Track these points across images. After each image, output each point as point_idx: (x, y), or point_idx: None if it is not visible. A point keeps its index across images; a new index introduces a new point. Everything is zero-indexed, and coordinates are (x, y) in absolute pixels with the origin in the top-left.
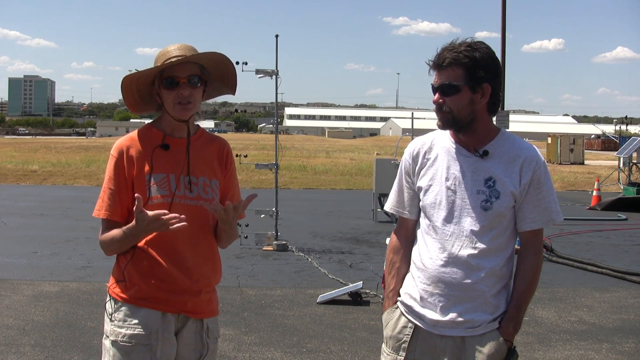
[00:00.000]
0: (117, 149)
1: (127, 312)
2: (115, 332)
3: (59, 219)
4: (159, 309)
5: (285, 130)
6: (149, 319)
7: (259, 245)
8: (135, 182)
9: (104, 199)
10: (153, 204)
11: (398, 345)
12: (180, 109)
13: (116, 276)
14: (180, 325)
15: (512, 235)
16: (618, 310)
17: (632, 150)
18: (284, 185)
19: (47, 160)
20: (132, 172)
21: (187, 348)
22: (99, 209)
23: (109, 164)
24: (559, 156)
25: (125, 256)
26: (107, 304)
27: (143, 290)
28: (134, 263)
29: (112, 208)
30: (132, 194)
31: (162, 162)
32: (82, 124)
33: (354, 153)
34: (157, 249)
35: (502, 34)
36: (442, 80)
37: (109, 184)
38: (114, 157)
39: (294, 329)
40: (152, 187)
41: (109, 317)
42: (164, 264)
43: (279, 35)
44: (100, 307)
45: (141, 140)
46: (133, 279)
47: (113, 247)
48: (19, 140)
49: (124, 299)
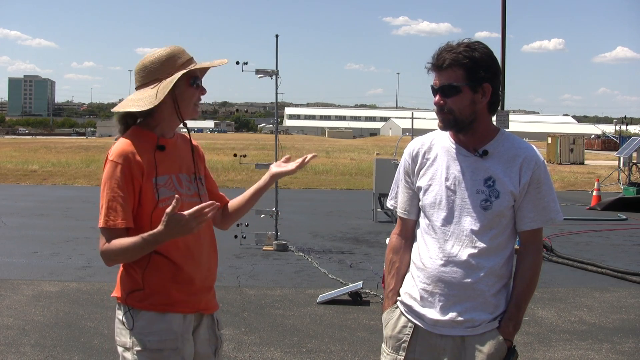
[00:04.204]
0: (120, 155)
1: (151, 320)
2: (141, 342)
3: (59, 219)
4: (181, 311)
5: (285, 130)
6: (173, 323)
7: (259, 245)
8: (144, 186)
9: (116, 207)
10: (164, 206)
11: (398, 345)
12: (195, 109)
13: (130, 286)
14: (196, 323)
15: (512, 234)
16: (618, 310)
17: (632, 150)
18: (284, 185)
19: (47, 160)
20: (140, 177)
21: (204, 344)
22: (114, 218)
23: (112, 171)
24: (558, 156)
25: (138, 264)
26: (123, 315)
27: (165, 295)
28: (152, 269)
29: (127, 215)
30: (138, 199)
31: (163, 163)
32: (82, 124)
33: (354, 153)
34: (174, 251)
35: (502, 34)
36: (442, 81)
37: (118, 191)
38: (119, 163)
39: (294, 329)
40: (161, 190)
41: (129, 328)
42: (183, 265)
43: (279, 35)
44: (101, 307)
45: (140, 144)
46: (153, 286)
47: (125, 256)
48: (19, 140)
49: (146, 307)
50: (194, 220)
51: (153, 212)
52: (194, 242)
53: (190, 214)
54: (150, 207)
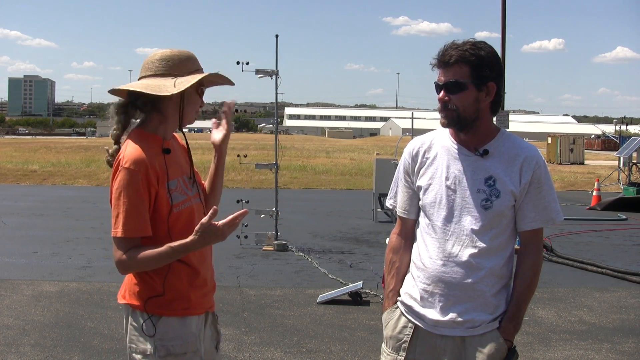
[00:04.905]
0: (135, 162)
1: (173, 325)
2: (165, 347)
3: (59, 219)
4: (197, 313)
5: (285, 130)
6: (192, 325)
7: (259, 245)
8: (159, 192)
9: (135, 216)
10: (180, 210)
11: (398, 345)
12: (195, 116)
13: (148, 293)
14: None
15: (512, 234)
16: (618, 310)
17: (632, 150)
18: (284, 185)
19: (47, 160)
20: (156, 183)
21: (208, 341)
22: (135, 227)
23: (128, 179)
24: (559, 156)
25: (158, 271)
26: (143, 323)
27: (184, 299)
28: (174, 275)
29: (146, 224)
30: (154, 205)
31: (171, 167)
32: (82, 124)
33: (354, 153)
34: (192, 257)
35: (502, 34)
36: (448, 77)
37: (136, 199)
38: (135, 170)
39: (294, 329)
40: (174, 194)
41: (150, 335)
42: (200, 269)
43: (279, 35)
44: (101, 307)
45: (149, 149)
46: (175, 291)
47: (147, 266)
48: (19, 140)
49: (168, 313)
50: (228, 229)
51: (169, 218)
52: None
53: (225, 224)
54: (165, 212)
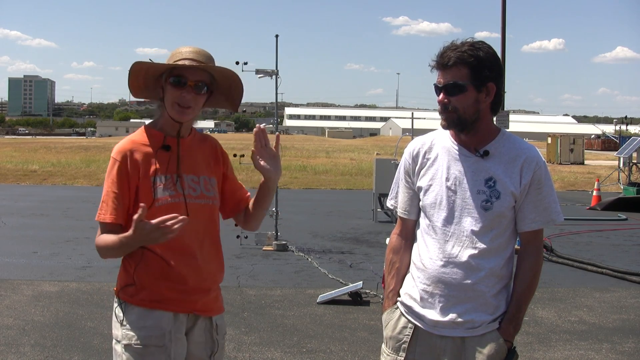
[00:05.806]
0: (119, 153)
1: (139, 315)
2: (128, 336)
3: (59, 219)
4: (171, 309)
5: (285, 130)
6: (162, 320)
7: (259, 245)
8: (140, 185)
9: (108, 202)
10: (160, 205)
11: (398, 345)
12: (178, 111)
13: (124, 280)
14: (190, 324)
15: (512, 235)
16: (618, 310)
17: (632, 150)
18: (284, 185)
19: (47, 160)
20: (137, 175)
21: (198, 347)
22: (104, 212)
23: (111, 167)
24: (559, 156)
25: (132, 259)
26: (116, 308)
27: (154, 292)
28: (143, 265)
29: (117, 211)
30: (135, 197)
31: (165, 162)
32: (82, 124)
33: (354, 153)
34: (166, 250)
35: (502, 34)
36: (447, 79)
37: (112, 187)
38: (117, 160)
39: (294, 329)
40: (159, 189)
41: (120, 322)
42: (174, 264)
43: (279, 35)
44: (101, 307)
45: (143, 143)
46: (143, 282)
47: (110, 252)
48: (19, 140)
49: (135, 302)
50: (157, 230)
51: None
52: (190, 242)
53: (154, 225)
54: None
